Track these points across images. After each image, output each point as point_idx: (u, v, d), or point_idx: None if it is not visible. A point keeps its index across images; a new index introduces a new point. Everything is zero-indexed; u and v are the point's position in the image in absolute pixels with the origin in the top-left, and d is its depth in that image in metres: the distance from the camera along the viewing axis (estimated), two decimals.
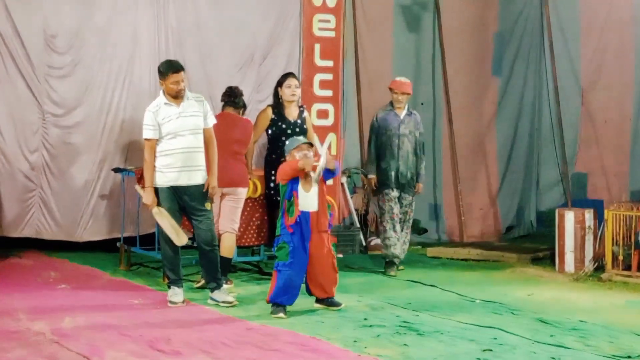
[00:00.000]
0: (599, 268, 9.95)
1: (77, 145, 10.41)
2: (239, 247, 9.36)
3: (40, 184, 10.30)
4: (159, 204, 8.04)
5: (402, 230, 10.00)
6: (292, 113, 9.33)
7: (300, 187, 7.84)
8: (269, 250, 9.43)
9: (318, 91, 11.26)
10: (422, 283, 9.44)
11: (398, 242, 9.94)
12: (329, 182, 10.95)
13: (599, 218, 10.24)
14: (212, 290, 8.12)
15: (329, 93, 11.30)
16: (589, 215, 10.25)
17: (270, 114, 9.30)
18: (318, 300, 8.03)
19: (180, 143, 7.98)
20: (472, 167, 12.79)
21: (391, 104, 10.11)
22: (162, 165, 8.01)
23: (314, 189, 7.88)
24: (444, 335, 6.90)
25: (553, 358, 6.21)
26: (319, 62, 11.24)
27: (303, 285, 7.91)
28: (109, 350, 6.18)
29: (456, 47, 12.66)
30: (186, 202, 8.06)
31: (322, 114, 11.29)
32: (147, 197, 8.05)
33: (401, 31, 12.46)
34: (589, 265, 10.04)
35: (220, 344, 6.47)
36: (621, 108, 12.20)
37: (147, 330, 6.84)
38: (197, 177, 8.06)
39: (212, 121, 8.23)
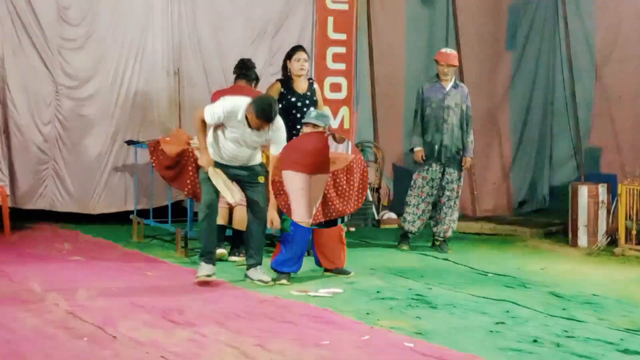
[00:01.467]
0: (612, 242, 9.95)
1: (90, 118, 10.44)
2: None
3: (53, 156, 10.33)
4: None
5: (449, 208, 9.81)
6: (301, 86, 9.22)
7: None
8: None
9: (331, 64, 11.21)
10: (434, 257, 9.46)
11: (418, 219, 9.87)
12: None
13: (613, 192, 10.21)
14: (249, 267, 7.94)
15: (342, 66, 11.25)
16: (602, 189, 10.23)
17: (279, 87, 9.20)
18: (327, 269, 8.20)
19: (235, 149, 7.74)
20: (485, 142, 12.72)
21: (437, 76, 9.96)
22: (212, 149, 7.80)
23: None
24: (457, 308, 6.92)
25: (565, 331, 6.22)
26: (332, 35, 11.18)
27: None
28: (122, 321, 6.21)
29: (470, 21, 12.58)
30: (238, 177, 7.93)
31: (335, 87, 11.24)
32: (202, 158, 7.79)
33: (414, 4, 12.39)
34: (602, 240, 10.03)
35: (233, 315, 6.50)
36: (636, 83, 12.09)
37: (160, 302, 6.87)
38: (248, 165, 7.90)
39: (278, 149, 7.83)
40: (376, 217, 11.61)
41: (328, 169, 8.22)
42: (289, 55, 9.25)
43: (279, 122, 7.78)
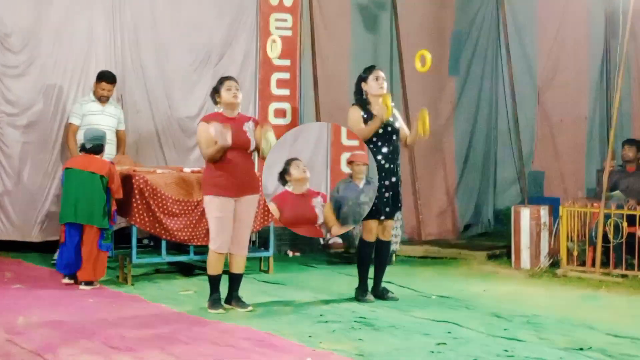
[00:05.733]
0: (554, 264, 10.05)
1: (33, 145, 10.31)
2: (194, 246, 9.33)
3: None
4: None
5: None
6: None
7: None
8: None
9: (275, 90, 11.31)
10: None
11: None
12: None
13: (555, 215, 10.33)
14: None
15: (286, 92, 11.36)
16: (544, 211, 10.34)
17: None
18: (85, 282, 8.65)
19: None
20: (429, 166, 12.82)
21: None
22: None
23: None
24: (399, 329, 6.94)
25: (506, 350, 6.27)
26: (276, 61, 11.26)
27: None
28: (63, 348, 6.15)
29: (413, 46, 12.60)
30: None
31: (280, 113, 11.33)
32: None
33: (358, 30, 12.46)
34: (544, 261, 10.13)
35: (175, 340, 6.46)
36: (576, 107, 12.30)
37: (101, 328, 6.81)
38: None
39: None
40: (321, 242, 11.61)
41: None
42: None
43: None
